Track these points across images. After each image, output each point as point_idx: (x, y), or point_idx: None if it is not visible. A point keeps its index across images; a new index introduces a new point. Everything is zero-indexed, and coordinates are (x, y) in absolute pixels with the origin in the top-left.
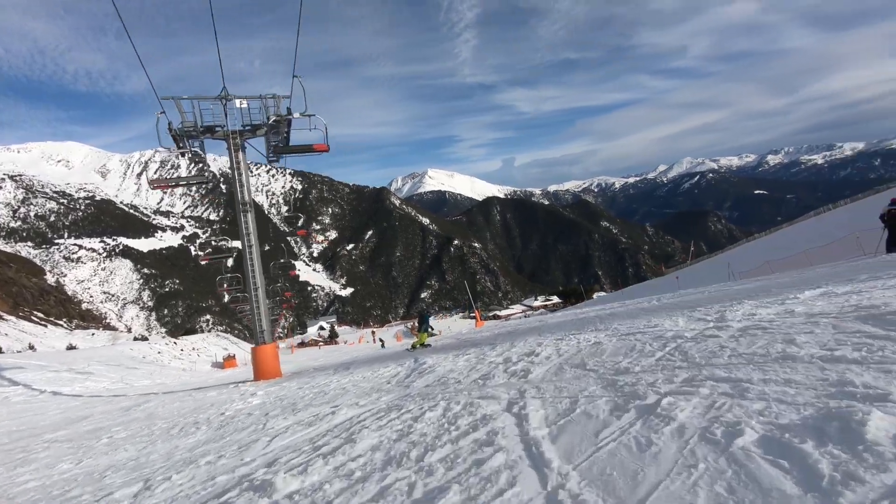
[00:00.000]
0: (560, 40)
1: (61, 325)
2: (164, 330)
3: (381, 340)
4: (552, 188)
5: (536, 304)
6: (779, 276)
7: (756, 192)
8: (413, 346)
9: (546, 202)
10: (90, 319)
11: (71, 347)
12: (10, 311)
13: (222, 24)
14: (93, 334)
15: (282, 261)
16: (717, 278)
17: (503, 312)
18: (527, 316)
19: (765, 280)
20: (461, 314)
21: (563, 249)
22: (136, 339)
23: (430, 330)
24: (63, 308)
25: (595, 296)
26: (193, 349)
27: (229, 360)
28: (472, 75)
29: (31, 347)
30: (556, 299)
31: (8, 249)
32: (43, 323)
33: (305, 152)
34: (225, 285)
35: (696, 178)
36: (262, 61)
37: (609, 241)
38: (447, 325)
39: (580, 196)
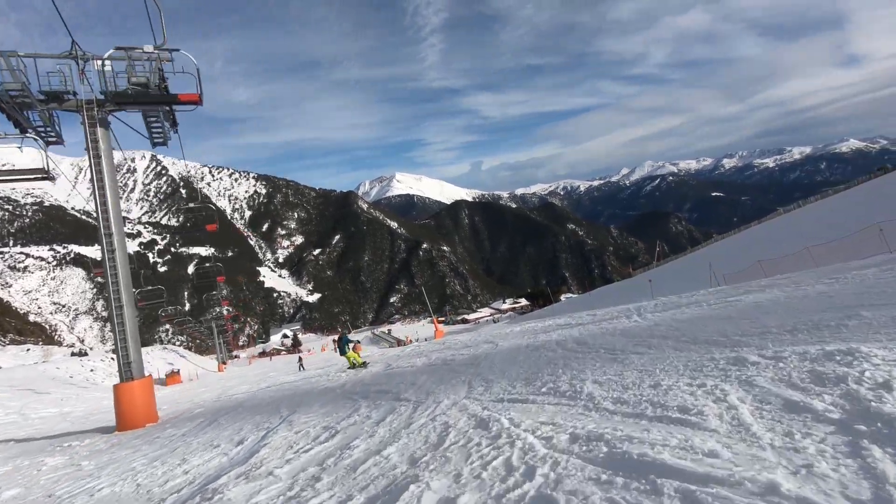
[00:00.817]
0: (524, 46)
1: None
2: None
3: (300, 359)
4: (519, 191)
5: (504, 306)
6: (792, 278)
7: (713, 194)
8: (352, 366)
9: (514, 205)
10: (28, 334)
11: None
12: None
13: (185, 26)
14: (28, 350)
15: (207, 265)
16: (696, 281)
17: (472, 316)
18: (495, 321)
19: (769, 282)
20: (430, 319)
21: (530, 252)
22: (73, 354)
23: (349, 350)
24: None
25: (563, 297)
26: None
27: (172, 377)
28: (439, 79)
29: None
30: (524, 302)
31: None
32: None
33: (166, 103)
34: (140, 299)
35: (657, 181)
36: (224, 62)
37: (575, 243)
38: (414, 331)
39: (547, 199)
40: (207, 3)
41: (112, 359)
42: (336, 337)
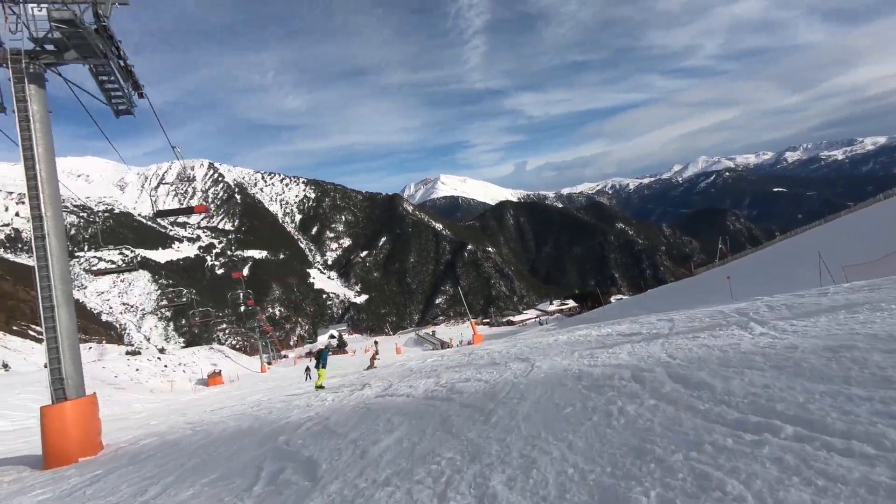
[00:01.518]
0: (568, 43)
1: None
2: (182, 340)
3: (307, 369)
4: (565, 191)
5: (552, 308)
6: None
7: (775, 189)
8: (317, 386)
9: (560, 205)
10: (93, 332)
11: (5, 366)
12: (2, 326)
13: (236, 38)
14: (90, 348)
15: (238, 291)
16: (786, 280)
17: (517, 318)
18: (542, 323)
19: None
20: (475, 320)
21: (578, 252)
22: (128, 353)
23: (325, 368)
24: None
25: (613, 299)
26: (179, 364)
27: (214, 377)
28: (481, 81)
29: (5, 366)
30: (571, 303)
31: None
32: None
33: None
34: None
35: (712, 177)
36: (275, 72)
37: (625, 243)
38: (459, 332)
39: (594, 198)
40: (257, 17)
41: (159, 358)
42: (316, 352)
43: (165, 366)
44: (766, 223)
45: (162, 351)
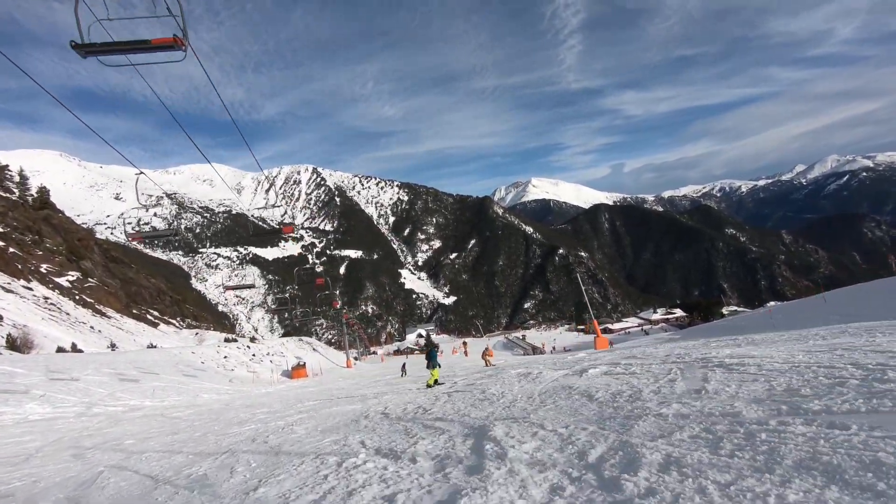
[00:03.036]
0: (673, 37)
1: (173, 324)
2: (282, 331)
3: (403, 366)
4: (667, 194)
5: (655, 317)
6: None
7: None
8: (428, 385)
9: (660, 209)
10: (202, 320)
11: (113, 346)
12: (122, 309)
13: (340, 52)
14: (196, 334)
15: (307, 267)
16: None
17: (616, 326)
18: (646, 332)
19: None
20: (568, 326)
21: (680, 259)
22: (226, 340)
23: (435, 367)
24: (178, 308)
25: (725, 311)
26: (267, 354)
27: (298, 370)
28: (576, 81)
29: (113, 346)
30: (679, 313)
31: (163, 257)
32: (155, 322)
33: (141, 50)
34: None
35: (844, 178)
36: (374, 83)
37: (736, 250)
38: (552, 338)
39: (700, 202)
40: (359, 31)
41: (248, 346)
42: (426, 351)
43: (254, 355)
44: None
45: (253, 340)
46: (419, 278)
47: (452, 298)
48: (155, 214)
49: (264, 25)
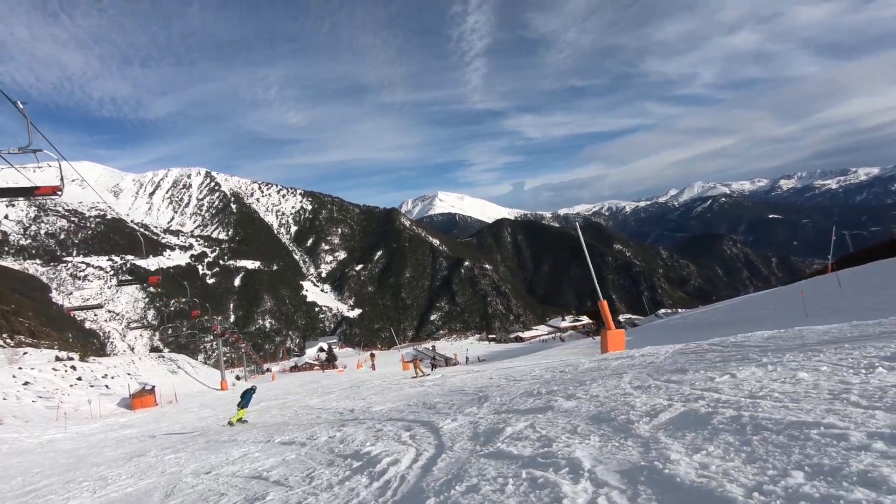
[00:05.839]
0: (567, 68)
1: None
2: (167, 350)
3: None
4: (562, 211)
5: (564, 324)
6: None
7: (770, 216)
8: (230, 423)
9: (557, 225)
10: (43, 336)
11: None
12: None
13: (242, 54)
14: (24, 353)
15: (184, 300)
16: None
17: (526, 334)
18: (562, 339)
19: None
20: (478, 336)
21: (575, 272)
22: (58, 359)
23: (242, 408)
24: (5, 322)
25: (622, 318)
26: (105, 376)
27: (142, 398)
28: (481, 101)
29: None
30: (585, 320)
31: (16, 267)
32: None
33: (23, 196)
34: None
35: (708, 202)
36: (278, 88)
37: (622, 264)
38: (463, 348)
39: (591, 219)
40: (264, 35)
41: (73, 367)
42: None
43: (79, 378)
44: (762, 249)
45: (83, 358)
46: (322, 290)
47: (357, 311)
48: (6, 217)
49: (155, 17)
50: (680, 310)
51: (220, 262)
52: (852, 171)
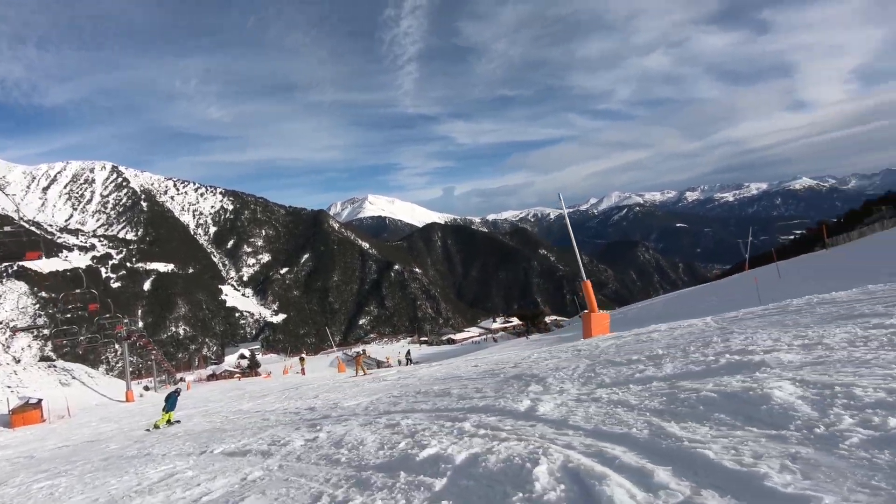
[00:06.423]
0: (497, 78)
1: None
2: (60, 361)
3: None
4: (491, 217)
5: (495, 326)
6: None
7: (678, 225)
8: (155, 425)
9: (485, 230)
10: None
11: None
12: None
13: (158, 42)
14: None
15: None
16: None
17: (458, 336)
18: (495, 340)
19: None
20: (410, 339)
21: (503, 276)
22: None
23: (167, 411)
24: None
25: (548, 320)
26: None
27: (24, 412)
28: (413, 106)
29: None
30: (515, 321)
31: None
32: None
33: (11, 260)
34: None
35: (624, 211)
36: (198, 81)
37: (547, 269)
38: (396, 351)
39: (518, 225)
40: (185, 23)
41: None
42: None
43: None
44: (671, 255)
45: None
46: (244, 295)
47: (282, 316)
48: None
49: None
50: (619, 308)
51: (128, 264)
52: (746, 185)
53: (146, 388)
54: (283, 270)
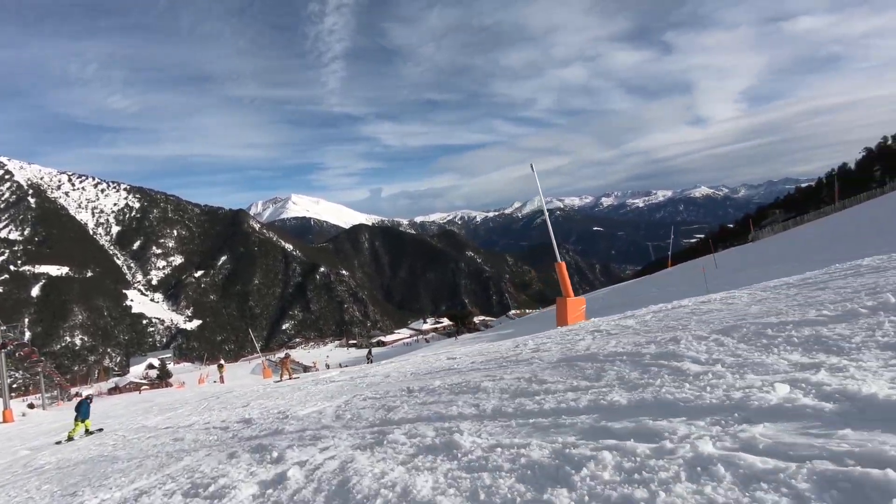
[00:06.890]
0: (424, 81)
1: None
2: None
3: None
4: (419, 219)
5: (426, 327)
6: None
7: (595, 228)
8: (69, 437)
9: (413, 232)
10: None
11: None
12: None
13: (51, 20)
14: None
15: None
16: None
17: (389, 338)
18: (427, 341)
19: None
20: (337, 343)
21: (431, 278)
22: None
23: (81, 420)
24: None
25: (476, 320)
26: None
27: None
28: (339, 105)
29: None
30: (446, 322)
31: None
32: None
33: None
34: None
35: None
36: (98, 66)
37: (474, 270)
38: (323, 356)
39: (445, 227)
40: (83, 3)
41: None
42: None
43: None
44: (588, 257)
45: None
46: (153, 300)
47: (197, 322)
48: None
49: None
50: (541, 308)
51: (12, 267)
52: (654, 192)
53: (30, 406)
54: (199, 273)
